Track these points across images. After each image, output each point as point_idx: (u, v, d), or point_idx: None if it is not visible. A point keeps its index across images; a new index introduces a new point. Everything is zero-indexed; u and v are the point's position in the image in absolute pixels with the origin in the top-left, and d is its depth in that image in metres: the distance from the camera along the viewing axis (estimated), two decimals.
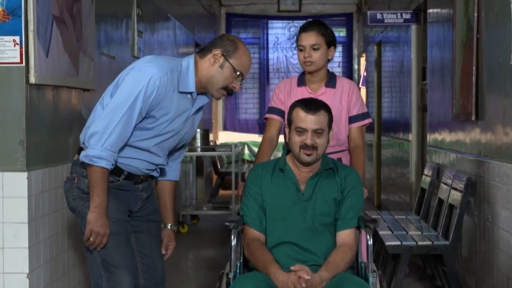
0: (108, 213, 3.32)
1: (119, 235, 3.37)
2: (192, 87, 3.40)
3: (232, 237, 3.57)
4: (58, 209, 4.53)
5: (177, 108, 3.39)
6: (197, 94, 3.47)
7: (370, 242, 3.55)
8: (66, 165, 4.48)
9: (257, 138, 13.17)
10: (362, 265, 3.68)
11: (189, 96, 3.43)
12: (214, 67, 3.38)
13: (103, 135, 3.23)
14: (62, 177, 4.49)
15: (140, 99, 3.24)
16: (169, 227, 3.74)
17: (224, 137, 13.84)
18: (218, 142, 13.30)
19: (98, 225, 3.26)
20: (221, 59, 3.37)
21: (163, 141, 3.43)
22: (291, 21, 14.11)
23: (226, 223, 3.59)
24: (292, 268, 3.37)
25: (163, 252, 3.70)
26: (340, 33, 14.05)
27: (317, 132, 3.56)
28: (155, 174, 3.58)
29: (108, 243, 3.32)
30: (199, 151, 8.92)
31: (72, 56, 4.73)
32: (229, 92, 3.48)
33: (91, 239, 3.27)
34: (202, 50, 3.45)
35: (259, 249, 3.53)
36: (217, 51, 3.37)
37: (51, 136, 4.48)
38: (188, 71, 3.39)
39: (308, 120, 3.57)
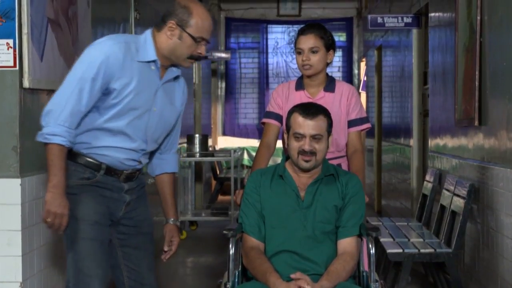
0: (84, 214, 3.20)
1: (93, 240, 3.22)
2: (152, 55, 3.25)
3: (230, 245, 3.48)
4: None
5: (140, 79, 3.22)
6: (167, 67, 3.33)
7: (372, 251, 3.45)
8: None
9: (256, 143, 13.09)
10: (364, 274, 3.59)
11: (153, 67, 3.27)
12: (173, 40, 3.23)
13: (55, 111, 3.11)
14: None
15: (92, 70, 3.12)
16: (171, 222, 3.59)
17: (223, 142, 13.79)
18: (217, 148, 13.25)
19: (55, 205, 3.10)
20: (177, 30, 3.22)
21: (135, 119, 3.26)
22: (290, 26, 14.05)
23: (224, 231, 3.50)
24: (292, 276, 3.29)
25: (166, 248, 3.55)
26: (340, 37, 14.00)
27: (315, 138, 3.48)
28: (138, 166, 3.40)
29: (80, 248, 3.19)
30: (197, 156, 8.85)
31: (67, 60, 4.65)
32: (196, 59, 3.34)
33: (49, 220, 3.12)
34: (158, 22, 3.30)
35: (258, 258, 3.44)
36: (171, 23, 3.22)
37: None
38: (146, 42, 3.26)
39: (306, 125, 3.48)
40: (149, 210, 3.57)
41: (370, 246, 3.47)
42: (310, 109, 3.53)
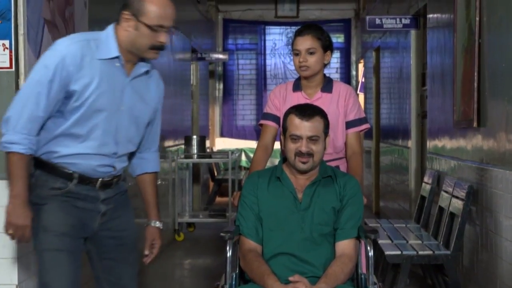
0: (51, 225, 3.06)
1: (59, 251, 3.06)
2: (114, 52, 3.08)
3: (228, 248, 3.45)
4: None
5: (102, 78, 3.05)
6: (135, 62, 3.15)
7: (371, 253, 3.43)
8: None
9: (254, 144, 13.06)
10: (362, 276, 3.56)
11: (117, 64, 3.10)
12: (130, 31, 3.05)
13: (13, 118, 2.99)
14: None
15: (48, 73, 2.98)
16: (152, 224, 3.43)
17: (221, 143, 13.76)
18: (215, 149, 13.23)
19: (15, 216, 2.99)
20: (132, 21, 3.04)
21: (102, 121, 3.09)
22: (288, 27, 14.03)
23: (222, 234, 3.47)
24: (290, 278, 3.27)
25: (147, 252, 3.41)
26: (338, 39, 13.98)
27: (312, 139, 3.45)
28: (113, 172, 3.21)
29: (45, 260, 3.05)
30: (195, 158, 8.83)
31: None
32: (159, 49, 3.09)
33: (10, 232, 3.02)
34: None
35: (255, 261, 3.42)
36: (126, 14, 3.05)
37: None
38: (107, 38, 3.09)
39: (302, 127, 3.46)
40: (133, 218, 3.40)
41: (368, 248, 3.44)
42: (306, 111, 3.50)
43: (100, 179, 3.17)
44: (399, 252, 5.31)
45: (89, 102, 3.05)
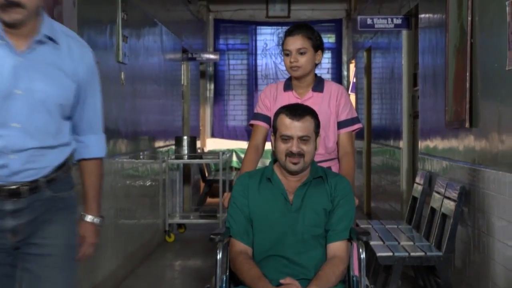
0: None
1: None
2: None
3: (218, 250, 3.41)
4: None
5: None
6: (31, 34, 2.66)
7: (363, 255, 3.39)
8: None
9: (245, 145, 12.91)
10: (354, 279, 3.52)
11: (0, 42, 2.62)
12: None
13: None
14: None
15: None
16: (86, 219, 2.94)
17: (212, 144, 13.71)
18: (206, 149, 13.18)
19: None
20: None
21: None
22: (280, 27, 13.99)
23: (212, 236, 3.43)
24: (282, 281, 3.23)
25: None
26: (329, 39, 13.95)
27: (303, 139, 3.41)
28: (5, 172, 2.62)
29: None
30: (186, 158, 8.79)
31: None
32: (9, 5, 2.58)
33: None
34: None
35: (246, 263, 3.37)
36: None
37: None
38: None
39: (293, 127, 3.41)
40: (69, 230, 2.84)
41: (360, 250, 3.41)
42: (297, 110, 3.45)
43: (4, 187, 2.63)
44: (391, 254, 5.27)
45: None
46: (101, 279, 5.71)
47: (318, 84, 4.10)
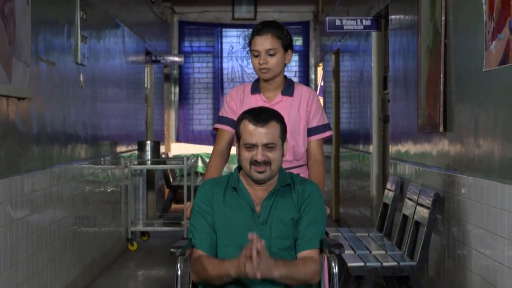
0: None
1: None
2: None
3: (178, 265, 3.13)
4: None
5: None
6: None
7: (335, 270, 3.13)
8: None
9: (211, 150, 12.73)
10: None
11: None
12: None
13: None
14: None
15: None
16: None
17: (177, 149, 13.48)
18: (171, 154, 12.94)
19: None
20: None
21: None
22: (246, 30, 13.78)
23: (172, 250, 3.15)
24: (249, 237, 2.90)
25: None
26: (296, 41, 13.75)
27: (268, 147, 3.15)
28: None
29: None
30: (149, 164, 8.53)
31: (3, 61, 4.27)
32: None
33: None
34: None
35: (206, 260, 3.11)
36: None
37: None
38: None
39: (257, 133, 3.15)
40: None
41: (333, 264, 3.15)
42: (261, 115, 3.19)
43: None
44: (362, 264, 5.04)
45: None
46: None
47: (288, 87, 3.87)
